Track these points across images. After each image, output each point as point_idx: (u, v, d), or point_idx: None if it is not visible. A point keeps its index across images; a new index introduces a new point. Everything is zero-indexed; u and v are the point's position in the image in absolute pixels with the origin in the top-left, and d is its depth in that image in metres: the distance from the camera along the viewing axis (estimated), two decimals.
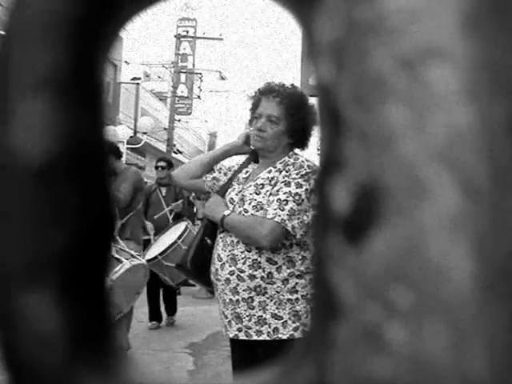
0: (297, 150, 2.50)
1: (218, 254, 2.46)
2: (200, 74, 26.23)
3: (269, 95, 2.47)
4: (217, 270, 2.47)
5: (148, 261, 5.98)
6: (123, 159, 5.74)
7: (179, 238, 5.99)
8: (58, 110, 0.32)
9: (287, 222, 2.26)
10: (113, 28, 0.37)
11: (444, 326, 0.24)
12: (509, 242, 0.23)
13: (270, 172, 2.45)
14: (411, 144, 0.26)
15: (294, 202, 2.27)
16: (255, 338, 2.35)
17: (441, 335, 0.24)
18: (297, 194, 2.28)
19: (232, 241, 2.39)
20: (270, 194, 2.37)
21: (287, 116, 2.41)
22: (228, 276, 2.41)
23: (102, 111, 0.36)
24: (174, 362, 5.58)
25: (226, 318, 2.47)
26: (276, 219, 2.28)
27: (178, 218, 6.85)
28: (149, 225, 6.52)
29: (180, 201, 7.08)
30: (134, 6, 0.39)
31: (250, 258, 2.39)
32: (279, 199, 2.30)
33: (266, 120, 2.45)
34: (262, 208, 2.38)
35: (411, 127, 0.26)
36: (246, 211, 2.40)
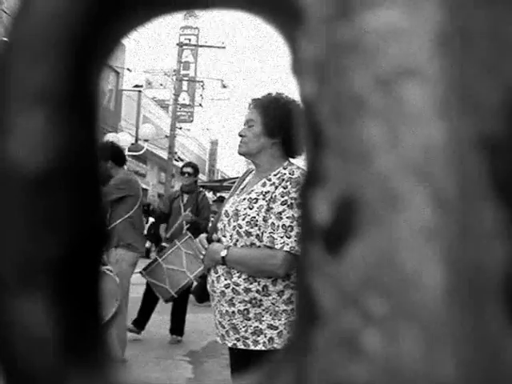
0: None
1: (214, 266, 2.49)
2: (202, 82, 26.33)
3: (249, 105, 2.62)
4: (213, 281, 2.50)
5: (148, 265, 5.96)
6: (125, 166, 5.66)
7: (161, 256, 5.93)
8: (54, 122, 0.33)
9: (296, 247, 2.25)
10: (111, 42, 0.39)
11: (416, 333, 0.26)
12: (476, 252, 0.24)
13: (264, 185, 2.46)
14: (387, 159, 0.27)
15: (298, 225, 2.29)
16: (252, 347, 2.36)
17: (413, 341, 0.26)
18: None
19: None
20: (267, 210, 2.37)
21: (262, 117, 2.50)
22: (223, 289, 2.42)
23: (97, 123, 0.37)
24: (173, 370, 5.57)
25: (224, 327, 2.49)
26: (285, 248, 2.31)
27: (193, 228, 6.63)
28: (161, 228, 6.38)
29: (188, 210, 6.85)
30: (133, 21, 0.40)
31: None
32: (284, 225, 2.32)
33: (245, 126, 2.58)
34: (256, 224, 2.39)
35: (387, 143, 0.28)
36: (240, 227, 2.41)
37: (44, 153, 0.32)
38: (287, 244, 2.31)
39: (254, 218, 2.40)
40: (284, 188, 2.39)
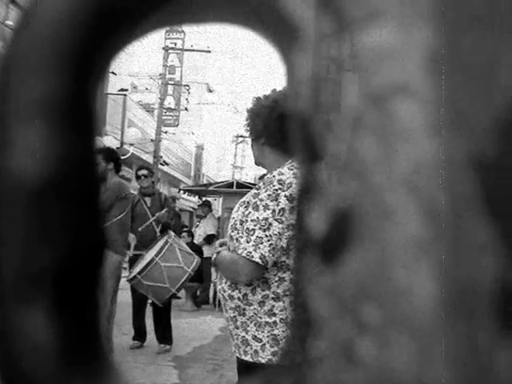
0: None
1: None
2: (187, 86, 26.29)
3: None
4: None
5: (129, 280, 5.88)
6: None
7: (157, 254, 5.82)
8: (53, 134, 0.34)
9: (253, 253, 2.17)
10: (108, 55, 0.39)
11: (408, 342, 0.26)
12: (467, 264, 0.25)
13: (257, 189, 2.39)
14: (380, 173, 0.28)
15: (261, 228, 2.18)
16: (243, 357, 2.27)
17: (405, 350, 0.27)
18: (264, 219, 2.18)
19: None
20: (243, 214, 2.31)
21: (249, 121, 2.48)
22: (219, 294, 2.40)
23: (94, 134, 0.38)
24: (159, 375, 5.55)
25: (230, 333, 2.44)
26: (243, 254, 2.20)
27: (164, 229, 6.58)
28: (131, 236, 6.23)
29: (165, 209, 6.77)
30: (127, 36, 0.41)
31: None
32: (247, 228, 2.22)
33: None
34: (236, 228, 2.34)
35: (380, 158, 0.29)
36: (230, 237, 2.38)
37: (43, 164, 0.32)
38: (245, 249, 2.20)
39: (236, 221, 2.35)
40: (257, 189, 2.31)
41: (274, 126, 2.32)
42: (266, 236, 2.17)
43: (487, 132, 0.25)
